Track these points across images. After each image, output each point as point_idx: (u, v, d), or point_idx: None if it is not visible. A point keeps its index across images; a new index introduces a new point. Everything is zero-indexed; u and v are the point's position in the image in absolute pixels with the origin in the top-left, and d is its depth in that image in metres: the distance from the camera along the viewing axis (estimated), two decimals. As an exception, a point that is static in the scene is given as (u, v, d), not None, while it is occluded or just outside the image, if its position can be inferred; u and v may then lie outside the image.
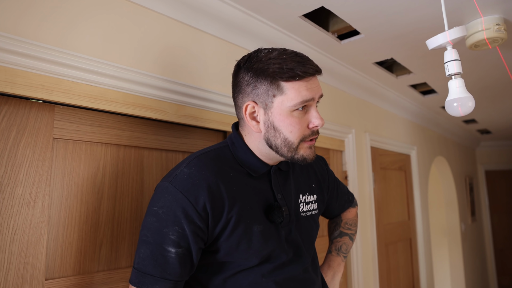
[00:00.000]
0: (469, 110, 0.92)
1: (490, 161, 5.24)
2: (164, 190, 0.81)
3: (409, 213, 2.95)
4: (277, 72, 0.81)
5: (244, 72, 0.86)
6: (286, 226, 0.92)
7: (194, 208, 0.78)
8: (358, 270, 2.10)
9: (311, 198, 1.04)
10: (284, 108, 0.83)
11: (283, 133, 0.84)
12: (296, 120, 0.84)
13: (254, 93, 0.85)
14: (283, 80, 0.82)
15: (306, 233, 0.98)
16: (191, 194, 0.79)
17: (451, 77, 0.94)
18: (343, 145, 2.14)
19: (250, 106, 0.85)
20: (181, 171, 0.82)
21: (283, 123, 0.83)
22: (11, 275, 0.84)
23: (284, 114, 0.83)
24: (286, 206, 0.92)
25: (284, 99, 0.82)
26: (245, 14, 1.41)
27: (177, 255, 0.78)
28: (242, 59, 0.89)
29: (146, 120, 1.15)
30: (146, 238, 0.79)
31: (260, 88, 0.84)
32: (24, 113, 0.89)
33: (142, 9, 1.16)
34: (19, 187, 0.87)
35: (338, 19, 1.60)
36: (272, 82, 0.82)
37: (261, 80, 0.83)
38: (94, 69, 0.98)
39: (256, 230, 0.85)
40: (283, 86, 0.82)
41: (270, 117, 0.84)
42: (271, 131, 0.85)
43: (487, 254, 5.05)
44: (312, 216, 1.03)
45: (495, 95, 2.78)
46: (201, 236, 0.80)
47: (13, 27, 0.86)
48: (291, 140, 0.84)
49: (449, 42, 0.92)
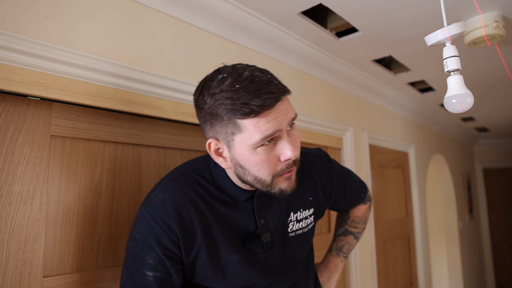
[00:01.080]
0: (468, 107, 0.92)
1: (488, 159, 5.26)
2: (141, 215, 0.80)
3: (407, 210, 2.96)
4: (229, 110, 0.70)
5: (199, 106, 0.76)
6: (267, 252, 0.87)
7: (167, 235, 0.77)
8: (356, 268, 2.11)
9: (305, 214, 0.95)
10: (246, 147, 0.72)
11: (251, 171, 0.75)
12: (262, 157, 0.73)
13: (214, 131, 0.75)
14: (237, 118, 0.70)
15: (292, 254, 0.92)
16: (164, 222, 0.77)
17: (450, 73, 0.94)
18: (341, 142, 2.14)
19: (214, 144, 0.77)
20: (156, 196, 0.80)
21: (248, 162, 0.74)
22: (9, 273, 0.84)
23: (248, 153, 0.73)
24: (269, 232, 0.86)
25: (244, 137, 0.71)
26: (243, 11, 1.41)
27: (155, 279, 0.77)
28: (197, 89, 0.78)
29: (144, 118, 1.14)
30: (126, 262, 0.80)
31: (217, 126, 0.73)
32: (21, 111, 0.89)
33: (140, 6, 1.15)
34: (17, 185, 0.87)
35: (336, 16, 1.60)
36: (228, 120, 0.71)
37: (215, 119, 0.73)
38: (91, 66, 0.98)
39: (232, 260, 0.83)
40: (240, 124, 0.71)
41: (234, 155, 0.75)
42: (239, 169, 0.76)
43: (484, 251, 5.07)
44: (303, 234, 0.95)
45: (493, 93, 2.79)
46: (177, 260, 0.80)
47: (14, 25, 0.86)
48: (262, 178, 0.75)
49: (448, 38, 0.91)
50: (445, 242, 4.04)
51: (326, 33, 1.66)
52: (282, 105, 0.72)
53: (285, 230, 0.90)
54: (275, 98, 0.70)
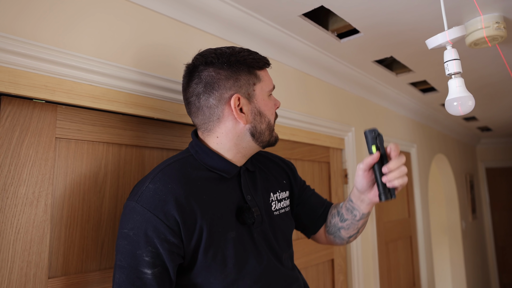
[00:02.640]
0: (469, 109, 0.93)
1: (491, 159, 5.25)
2: (132, 211, 0.78)
3: (409, 211, 2.96)
4: (252, 61, 0.88)
5: (218, 68, 0.86)
6: (259, 227, 0.91)
7: (165, 225, 0.76)
8: (359, 268, 2.11)
9: (283, 195, 1.04)
10: (264, 93, 0.90)
11: (267, 116, 0.90)
12: (271, 102, 0.92)
13: (237, 86, 0.86)
14: (256, 69, 0.89)
15: (281, 231, 0.97)
16: (160, 210, 0.77)
17: (451, 76, 0.95)
18: (343, 143, 2.15)
19: (236, 100, 0.86)
20: (146, 188, 0.80)
21: (266, 107, 0.90)
22: (15, 274, 0.85)
23: (266, 99, 0.91)
24: (257, 207, 0.92)
25: (263, 85, 0.90)
26: (245, 13, 1.42)
27: (154, 276, 0.75)
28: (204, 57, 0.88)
29: (147, 120, 1.16)
30: (120, 263, 0.77)
31: (242, 79, 0.87)
32: (27, 113, 0.90)
33: (141, 8, 1.16)
34: (23, 187, 0.88)
35: (338, 18, 1.61)
36: (250, 72, 0.88)
37: (241, 71, 0.87)
38: (96, 69, 0.99)
39: (230, 237, 0.84)
40: (258, 74, 0.90)
41: (256, 104, 0.89)
42: (257, 118, 0.89)
43: (488, 251, 5.06)
44: (286, 213, 1.03)
45: (495, 93, 2.79)
46: (177, 252, 0.78)
47: (10, 26, 0.86)
48: (271, 121, 0.92)
49: (448, 42, 0.92)
50: (448, 242, 4.03)
51: (328, 34, 1.67)
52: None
53: (269, 208, 0.97)
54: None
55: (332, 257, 1.98)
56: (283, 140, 1.70)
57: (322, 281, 1.90)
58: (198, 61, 0.89)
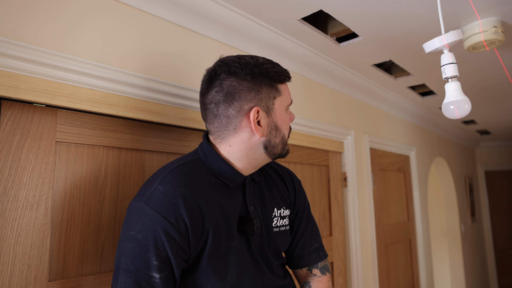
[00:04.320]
0: (465, 113, 0.93)
1: (490, 162, 5.25)
2: (140, 212, 0.76)
3: (408, 214, 2.97)
4: (275, 75, 0.87)
5: (241, 79, 0.85)
6: (257, 240, 0.91)
7: (175, 229, 0.76)
8: (358, 272, 2.11)
9: (286, 213, 1.01)
10: (283, 108, 0.90)
11: (282, 131, 0.90)
12: (287, 117, 0.92)
13: (258, 98, 0.85)
14: (278, 82, 0.89)
15: (275, 247, 0.96)
16: (171, 214, 0.76)
17: (448, 80, 0.95)
18: (342, 146, 2.16)
19: (256, 112, 0.85)
20: (156, 189, 0.78)
21: (282, 122, 0.90)
22: (15, 277, 0.85)
23: (283, 113, 0.90)
24: (258, 219, 0.92)
25: (282, 99, 0.90)
26: (244, 17, 1.43)
27: (161, 280, 0.74)
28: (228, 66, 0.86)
29: (147, 123, 1.16)
30: (126, 267, 0.74)
31: (263, 92, 0.86)
32: (27, 117, 0.91)
33: (141, 13, 1.17)
34: (23, 190, 0.88)
35: (337, 22, 1.62)
36: (271, 85, 0.87)
37: (263, 84, 0.86)
38: (96, 73, 1.00)
39: (232, 246, 0.85)
40: (279, 88, 0.89)
41: (273, 118, 0.88)
42: (273, 131, 0.88)
43: (487, 254, 5.06)
44: (285, 232, 1.00)
45: (494, 96, 2.80)
46: (182, 257, 0.78)
47: (10, 31, 0.87)
48: (285, 136, 0.91)
49: (445, 46, 0.93)
50: (447, 246, 4.03)
51: (327, 38, 1.68)
52: None
53: (269, 224, 0.96)
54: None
55: (332, 260, 1.98)
56: (283, 143, 1.70)
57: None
58: (221, 69, 0.86)
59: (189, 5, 1.26)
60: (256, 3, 1.36)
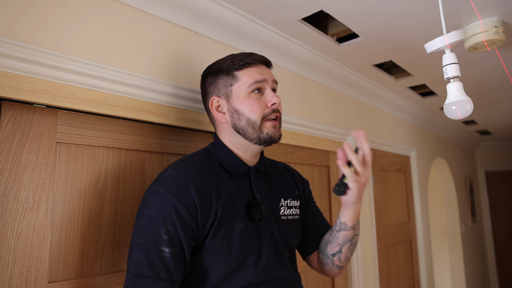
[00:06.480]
0: (467, 113, 0.93)
1: (490, 162, 5.25)
2: (154, 193, 0.84)
3: (409, 214, 2.96)
4: (230, 65, 0.95)
5: (206, 77, 1.01)
6: (266, 224, 0.94)
7: (184, 207, 0.82)
8: (358, 272, 2.11)
9: (294, 203, 1.07)
10: (242, 92, 0.94)
11: (245, 113, 0.93)
12: (254, 100, 0.94)
13: (216, 89, 0.97)
14: (235, 70, 0.95)
15: (285, 236, 0.99)
16: (181, 193, 0.83)
17: (450, 80, 0.95)
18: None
19: (215, 100, 0.97)
20: (169, 174, 0.87)
21: (243, 105, 0.93)
22: (15, 278, 0.85)
23: (243, 97, 0.94)
24: (266, 205, 0.96)
25: (240, 84, 0.94)
26: (245, 18, 1.43)
27: (171, 255, 0.80)
28: (204, 72, 1.03)
29: (147, 124, 1.16)
30: (139, 241, 0.80)
31: (220, 82, 0.97)
32: (27, 118, 0.91)
33: (142, 13, 1.17)
34: (23, 191, 0.88)
35: (337, 23, 1.62)
36: (228, 74, 0.96)
37: (219, 76, 0.97)
38: (96, 74, 0.99)
39: (237, 228, 0.88)
40: (237, 75, 0.95)
41: (232, 103, 0.95)
42: (235, 115, 0.94)
43: (487, 255, 5.05)
44: (294, 221, 1.05)
45: (495, 96, 2.79)
46: (191, 235, 0.83)
47: (8, 31, 0.86)
48: (253, 119, 0.93)
49: (447, 46, 0.93)
50: (448, 246, 4.03)
51: (327, 38, 1.68)
52: (267, 69, 0.99)
53: (277, 212, 1.00)
54: (263, 59, 0.98)
55: (332, 261, 1.97)
56: (283, 144, 1.70)
57: (322, 285, 1.89)
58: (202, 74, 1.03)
59: (190, 5, 1.25)
60: (257, 4, 1.35)
